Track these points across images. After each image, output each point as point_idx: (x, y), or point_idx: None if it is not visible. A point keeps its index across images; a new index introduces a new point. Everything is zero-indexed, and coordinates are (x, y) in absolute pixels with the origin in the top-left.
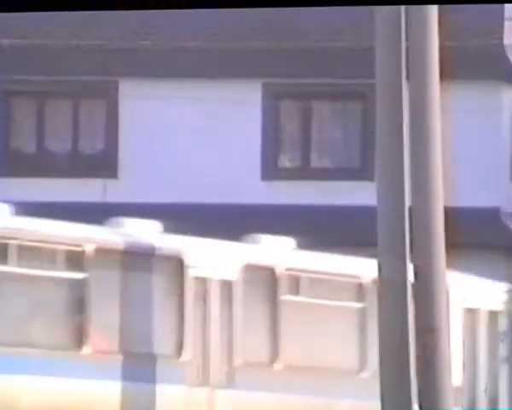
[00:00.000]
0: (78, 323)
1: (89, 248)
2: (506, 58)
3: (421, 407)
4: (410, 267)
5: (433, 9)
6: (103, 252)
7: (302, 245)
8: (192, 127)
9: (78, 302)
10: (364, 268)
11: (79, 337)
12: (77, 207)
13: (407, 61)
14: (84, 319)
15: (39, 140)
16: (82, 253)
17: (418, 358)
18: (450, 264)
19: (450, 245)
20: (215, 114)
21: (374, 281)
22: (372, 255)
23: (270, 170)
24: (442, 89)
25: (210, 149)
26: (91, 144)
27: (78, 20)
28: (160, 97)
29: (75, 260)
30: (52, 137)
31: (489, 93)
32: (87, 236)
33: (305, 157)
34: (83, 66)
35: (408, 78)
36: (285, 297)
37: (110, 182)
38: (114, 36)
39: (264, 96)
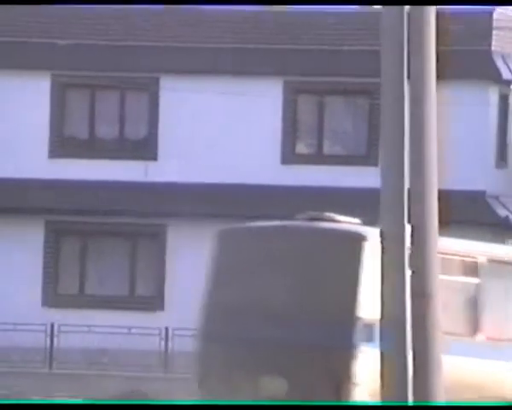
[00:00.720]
0: (473, 316)
1: (481, 259)
2: (493, 62)
3: (414, 371)
4: (407, 236)
5: (432, 16)
6: (493, 262)
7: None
8: (221, 118)
9: (473, 301)
10: (477, 248)
11: (474, 328)
12: (123, 186)
13: (408, 62)
14: (477, 314)
15: (90, 127)
16: (475, 263)
17: (412, 323)
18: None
19: (442, 222)
20: (243, 106)
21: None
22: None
23: (289, 155)
24: (438, 85)
25: (237, 136)
26: (135, 131)
27: (125, 23)
28: (194, 91)
29: (470, 268)
30: (102, 125)
31: (478, 90)
32: (479, 249)
33: (319, 145)
34: (129, 63)
35: (409, 76)
36: None
37: (151, 164)
38: (155, 37)
39: (285, 92)
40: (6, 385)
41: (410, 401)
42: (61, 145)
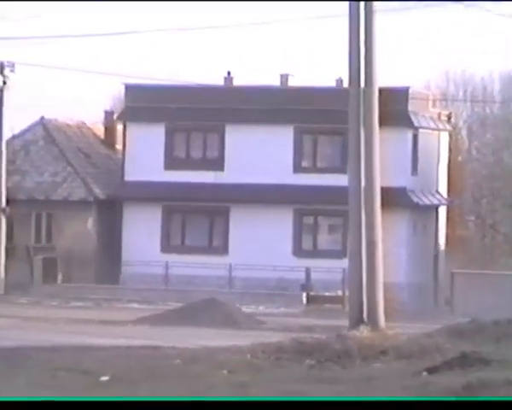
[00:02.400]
0: None
1: None
2: (409, 117)
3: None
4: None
5: (376, 95)
6: None
7: None
8: (257, 147)
9: None
10: None
11: None
12: (205, 185)
13: (363, 120)
14: None
15: (187, 152)
16: None
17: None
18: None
19: (383, 204)
20: (272, 141)
21: None
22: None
23: (297, 168)
24: (380, 130)
25: (268, 158)
26: (212, 154)
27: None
28: (242, 133)
29: None
30: (194, 151)
31: (401, 132)
32: None
33: (314, 161)
34: (209, 117)
35: (364, 123)
36: None
37: (219, 172)
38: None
39: (294, 133)
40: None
41: (365, 313)
42: (171, 162)
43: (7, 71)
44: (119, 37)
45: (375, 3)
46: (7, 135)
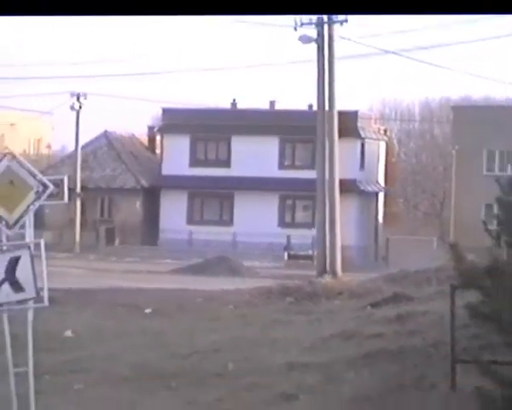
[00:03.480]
0: None
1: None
2: (358, 131)
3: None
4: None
5: (335, 114)
6: None
7: None
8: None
9: None
10: None
11: None
12: (218, 178)
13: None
14: None
15: (205, 154)
16: None
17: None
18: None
19: (341, 191)
20: (262, 148)
21: None
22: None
23: (281, 166)
24: (339, 141)
25: (259, 156)
26: (223, 155)
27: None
28: (244, 142)
29: None
30: (210, 154)
31: (353, 142)
32: None
33: (293, 161)
34: (217, 131)
35: (327, 135)
36: None
37: (227, 169)
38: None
39: (280, 142)
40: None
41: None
42: (193, 162)
43: (82, 99)
44: (158, 75)
45: (336, 53)
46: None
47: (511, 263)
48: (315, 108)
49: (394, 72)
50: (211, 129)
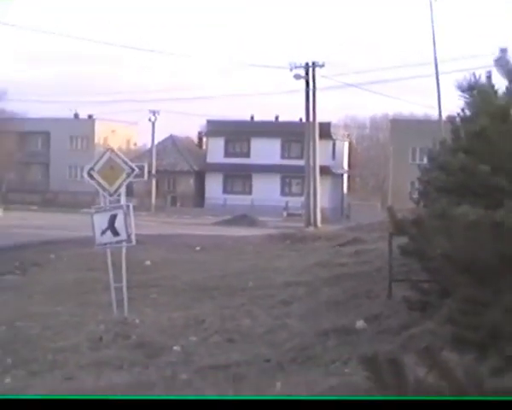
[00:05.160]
0: None
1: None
2: (331, 134)
3: None
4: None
5: (317, 124)
6: None
7: None
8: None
9: None
10: None
11: None
12: (240, 165)
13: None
14: None
15: (233, 150)
16: None
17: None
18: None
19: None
20: (270, 146)
21: None
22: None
23: (282, 157)
24: (319, 140)
25: (267, 152)
26: (244, 151)
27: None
28: (261, 142)
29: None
30: (237, 149)
31: (327, 142)
32: None
33: (289, 153)
34: (242, 135)
35: (312, 137)
36: None
37: (248, 159)
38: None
39: (281, 142)
40: None
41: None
42: (226, 154)
43: (156, 114)
44: (204, 99)
45: (317, 85)
46: (156, 142)
47: (427, 218)
48: (304, 120)
49: (354, 97)
50: (237, 133)
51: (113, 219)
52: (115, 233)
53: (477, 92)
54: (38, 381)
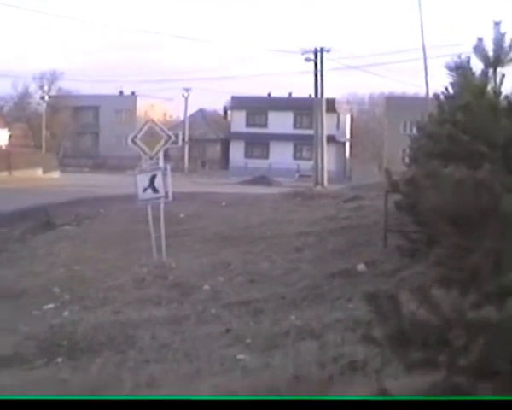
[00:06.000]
0: None
1: None
2: (335, 108)
3: None
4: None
5: (324, 100)
6: None
7: None
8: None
9: None
10: None
11: None
12: (260, 134)
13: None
14: None
15: (253, 120)
16: None
17: None
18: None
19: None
20: (285, 117)
21: None
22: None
23: (295, 127)
24: (326, 113)
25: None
26: (263, 121)
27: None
28: (276, 113)
29: None
30: (256, 119)
31: (331, 114)
32: None
33: (301, 124)
34: (261, 108)
35: (319, 111)
36: None
37: (265, 128)
38: None
39: (294, 115)
40: None
41: None
42: (248, 124)
43: (189, 91)
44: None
45: (324, 67)
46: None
47: (419, 177)
48: (313, 96)
49: (354, 77)
50: (257, 107)
51: (153, 178)
52: (155, 191)
53: (461, 72)
54: (91, 314)
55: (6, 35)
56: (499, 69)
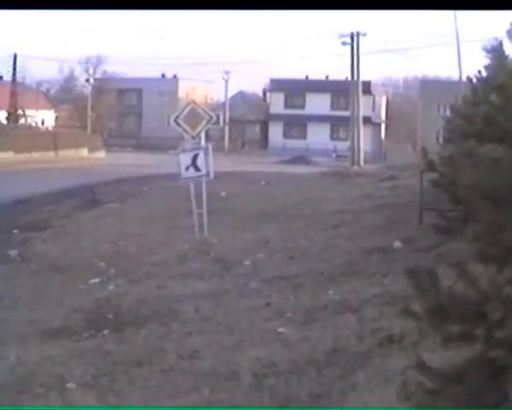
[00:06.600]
0: None
1: None
2: (370, 90)
3: None
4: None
5: (360, 83)
6: None
7: None
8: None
9: None
10: None
11: None
12: (297, 115)
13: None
14: None
15: (291, 102)
16: None
17: None
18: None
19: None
20: (322, 98)
21: None
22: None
23: (332, 108)
24: (362, 95)
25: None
26: (300, 103)
27: None
28: (314, 94)
29: None
30: (295, 101)
31: (367, 96)
32: None
33: (338, 105)
34: (297, 91)
35: (355, 93)
36: None
37: (303, 110)
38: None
39: (331, 96)
40: None
41: None
42: (285, 106)
43: (229, 74)
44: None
45: (360, 51)
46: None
47: (449, 159)
48: (349, 79)
49: (389, 61)
50: (295, 89)
51: (195, 157)
52: (197, 169)
53: (496, 54)
54: (136, 288)
55: (52, 20)
56: None
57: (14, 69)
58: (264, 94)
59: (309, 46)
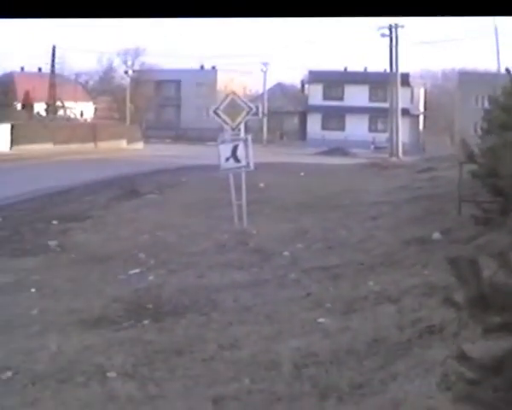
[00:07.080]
0: None
1: None
2: (409, 82)
3: None
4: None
5: (399, 74)
6: None
7: None
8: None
9: None
10: None
11: None
12: (333, 106)
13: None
14: None
15: (331, 93)
16: None
17: None
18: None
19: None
20: (360, 91)
21: None
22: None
23: (371, 100)
24: (401, 87)
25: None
26: (338, 94)
27: None
28: (352, 85)
29: None
30: (332, 92)
31: (406, 88)
32: None
33: (377, 98)
34: (334, 83)
35: (394, 85)
36: None
37: (341, 101)
38: None
39: (369, 89)
40: None
41: None
42: (324, 97)
43: (267, 66)
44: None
45: (399, 43)
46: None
47: (490, 150)
48: (388, 70)
49: (428, 53)
50: (333, 81)
51: (235, 148)
52: (237, 160)
53: None
54: (175, 278)
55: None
56: None
57: (53, 61)
58: (303, 85)
59: (348, 38)
